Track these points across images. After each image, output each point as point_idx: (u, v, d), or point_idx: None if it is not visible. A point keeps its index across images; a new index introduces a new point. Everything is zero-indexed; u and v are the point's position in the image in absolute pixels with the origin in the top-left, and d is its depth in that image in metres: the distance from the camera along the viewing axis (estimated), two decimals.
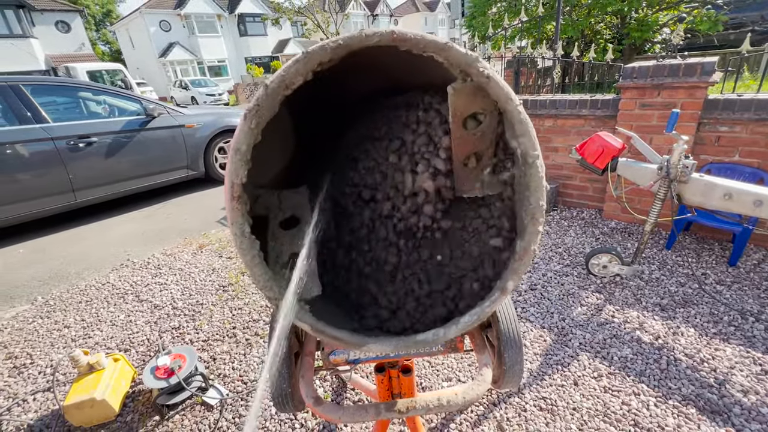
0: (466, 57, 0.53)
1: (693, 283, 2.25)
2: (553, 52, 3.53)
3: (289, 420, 1.60)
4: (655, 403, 1.53)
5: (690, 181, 1.87)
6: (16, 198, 3.55)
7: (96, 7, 39.86)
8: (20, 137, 3.49)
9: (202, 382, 1.73)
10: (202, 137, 4.78)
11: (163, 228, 3.85)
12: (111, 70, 17.04)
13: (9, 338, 2.28)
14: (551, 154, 3.39)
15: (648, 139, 2.71)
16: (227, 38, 29.56)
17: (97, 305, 2.55)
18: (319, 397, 0.79)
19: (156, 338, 2.18)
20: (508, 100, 0.55)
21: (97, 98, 4.23)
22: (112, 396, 1.63)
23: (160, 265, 3.03)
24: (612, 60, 3.34)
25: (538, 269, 2.53)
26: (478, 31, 10.70)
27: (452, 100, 0.59)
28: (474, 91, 0.57)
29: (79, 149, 3.80)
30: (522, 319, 2.08)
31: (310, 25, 22.20)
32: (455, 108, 0.60)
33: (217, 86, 21.39)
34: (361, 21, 38.50)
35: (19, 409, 1.76)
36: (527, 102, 3.36)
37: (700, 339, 1.84)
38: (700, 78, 2.41)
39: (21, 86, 3.60)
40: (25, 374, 1.98)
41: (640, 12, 8.97)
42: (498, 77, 0.54)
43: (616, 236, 2.88)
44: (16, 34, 20.86)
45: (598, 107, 3.00)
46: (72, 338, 2.24)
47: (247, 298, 2.49)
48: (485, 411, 1.57)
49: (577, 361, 1.77)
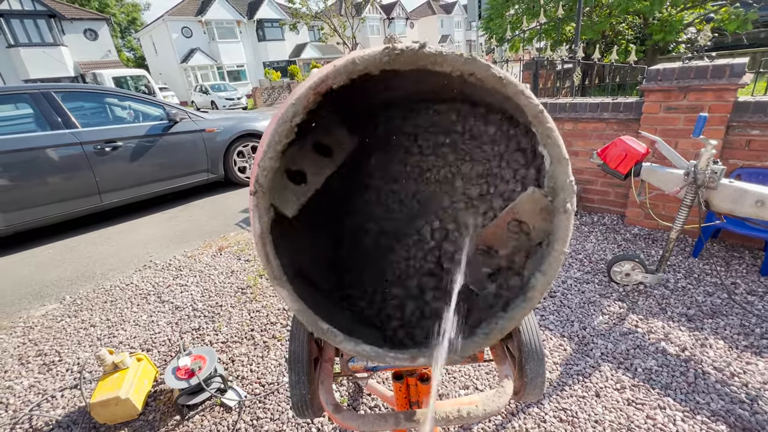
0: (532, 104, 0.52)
1: (722, 292, 2.16)
2: (573, 54, 3.47)
3: (306, 424, 1.61)
4: (683, 418, 1.48)
5: (719, 187, 1.81)
6: (47, 200, 3.71)
7: (122, 15, 41.36)
8: (51, 142, 3.65)
9: (221, 383, 1.76)
10: (222, 141, 4.89)
11: (184, 230, 3.95)
12: (135, 76, 17.63)
13: (39, 336, 2.37)
14: (571, 158, 3.29)
15: (673, 143, 2.63)
16: (246, 43, 30.19)
17: (121, 305, 2.63)
18: (338, 404, 0.80)
19: (177, 339, 2.23)
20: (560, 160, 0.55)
21: (122, 104, 4.38)
22: (136, 395, 1.68)
23: (181, 267, 3.10)
24: (634, 61, 3.26)
25: (558, 276, 2.48)
26: (495, 33, 10.62)
27: (521, 200, 0.59)
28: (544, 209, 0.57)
29: (105, 153, 3.94)
30: (541, 327, 2.04)
31: (326, 29, 22.44)
32: (517, 207, 0.60)
33: (235, 90, 21.87)
34: (377, 25, 38.71)
35: (48, 405, 1.82)
36: (546, 105, 3.31)
37: (730, 352, 1.76)
38: (729, 80, 2.32)
39: (53, 93, 3.76)
40: (54, 371, 2.05)
41: (663, 12, 8.73)
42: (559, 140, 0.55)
43: (639, 243, 2.80)
44: (47, 43, 21.88)
45: (621, 110, 2.93)
46: (98, 337, 2.31)
47: (264, 300, 2.53)
48: (503, 421, 1.55)
49: (598, 372, 1.72)
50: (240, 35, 29.57)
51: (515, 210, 0.60)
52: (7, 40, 20.87)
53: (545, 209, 0.56)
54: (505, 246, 0.65)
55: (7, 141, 3.48)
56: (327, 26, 21.71)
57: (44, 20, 21.69)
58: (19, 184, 3.53)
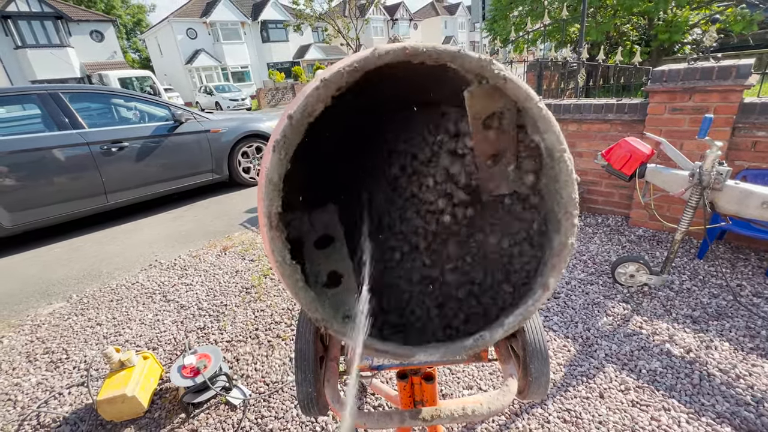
0: (480, 61, 0.53)
1: (727, 294, 2.15)
2: (578, 56, 3.47)
3: (311, 423, 1.61)
4: (687, 419, 1.47)
5: (724, 189, 1.80)
6: (54, 199, 3.75)
7: (127, 16, 41.69)
8: (59, 142, 3.69)
9: (226, 382, 1.78)
10: (227, 142, 4.92)
11: (189, 230, 3.97)
12: (141, 77, 17.79)
13: (46, 333, 2.40)
14: (575, 159, 3.32)
15: (678, 144, 2.62)
16: (250, 44, 30.35)
17: (127, 304, 2.66)
18: (344, 402, 0.80)
19: (182, 337, 2.24)
20: (528, 98, 0.55)
21: (128, 104, 4.42)
22: (142, 393, 1.69)
23: (186, 266, 3.12)
24: (639, 62, 3.25)
25: (562, 277, 2.47)
26: (499, 34, 10.61)
27: (469, 103, 0.60)
28: (491, 93, 0.58)
29: (111, 154, 3.98)
30: (545, 328, 2.04)
31: (330, 30, 22.52)
32: (473, 110, 0.61)
33: (240, 91, 21.97)
34: (381, 26, 38.79)
35: (55, 402, 1.84)
36: (550, 106, 3.31)
37: (735, 354, 1.76)
38: (735, 81, 2.31)
39: (60, 94, 3.80)
40: (61, 369, 2.08)
41: (668, 12, 8.69)
42: (515, 77, 0.55)
43: (643, 244, 2.79)
44: (54, 44, 22.10)
45: (625, 112, 2.92)
46: (104, 335, 2.34)
47: (269, 300, 2.54)
48: (507, 421, 1.55)
49: (602, 373, 1.72)
50: (244, 36, 29.73)
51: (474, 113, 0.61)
52: (14, 42, 21.11)
53: (492, 92, 0.57)
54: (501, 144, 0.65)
55: (16, 141, 3.52)
56: (331, 27, 21.80)
57: (51, 22, 21.92)
58: (26, 183, 3.57)
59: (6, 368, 2.12)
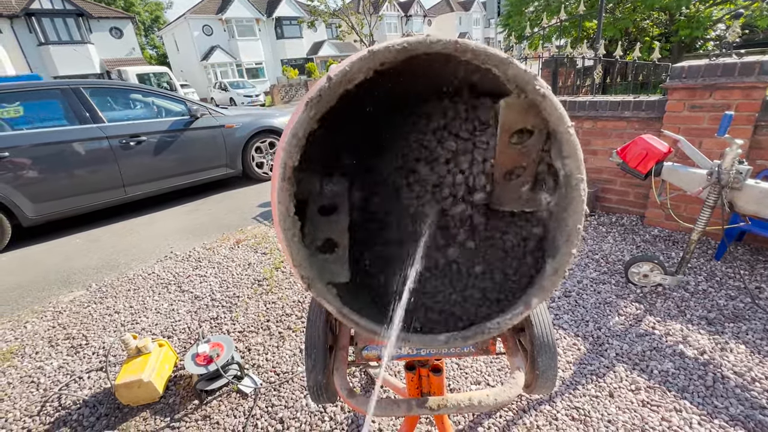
0: (525, 74, 0.53)
1: (745, 296, 2.10)
2: (595, 52, 3.41)
3: (320, 413, 1.64)
4: (699, 421, 1.45)
5: (744, 188, 1.76)
6: (75, 191, 3.86)
7: (146, 13, 42.42)
8: (80, 136, 3.80)
9: (237, 370, 1.82)
10: (241, 137, 4.98)
11: (203, 223, 4.05)
12: (158, 73, 18.09)
13: (68, 320, 2.49)
14: (590, 157, 3.27)
15: (697, 142, 2.56)
16: (264, 41, 30.57)
17: (143, 293, 2.73)
18: (352, 390, 0.82)
19: (196, 327, 2.30)
20: (561, 120, 0.55)
21: (146, 99, 4.52)
22: (157, 378, 1.74)
23: (200, 258, 3.19)
24: (658, 59, 3.18)
25: (573, 276, 2.45)
26: (514, 30, 10.47)
27: (503, 114, 0.59)
28: (526, 108, 0.57)
29: (130, 147, 4.08)
30: (555, 326, 2.02)
31: (344, 27, 22.51)
32: (505, 122, 0.60)
33: (254, 88, 22.18)
34: (395, 22, 38.61)
35: (75, 386, 1.91)
36: (566, 103, 3.26)
37: (751, 357, 1.72)
38: (759, 78, 2.25)
39: (81, 89, 3.91)
40: (81, 354, 2.15)
41: (690, 8, 8.44)
42: (553, 97, 0.54)
43: (658, 244, 2.74)
44: (75, 41, 22.65)
45: (642, 109, 2.86)
46: (121, 323, 2.41)
47: (280, 292, 2.58)
48: (514, 417, 1.55)
49: (613, 372, 1.71)
50: (259, 33, 29.96)
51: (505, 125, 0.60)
52: (38, 39, 21.68)
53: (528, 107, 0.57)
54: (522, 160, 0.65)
55: (39, 134, 3.64)
56: (345, 24, 21.78)
57: (73, 19, 22.45)
58: (49, 175, 3.69)
59: (30, 352, 2.21)
